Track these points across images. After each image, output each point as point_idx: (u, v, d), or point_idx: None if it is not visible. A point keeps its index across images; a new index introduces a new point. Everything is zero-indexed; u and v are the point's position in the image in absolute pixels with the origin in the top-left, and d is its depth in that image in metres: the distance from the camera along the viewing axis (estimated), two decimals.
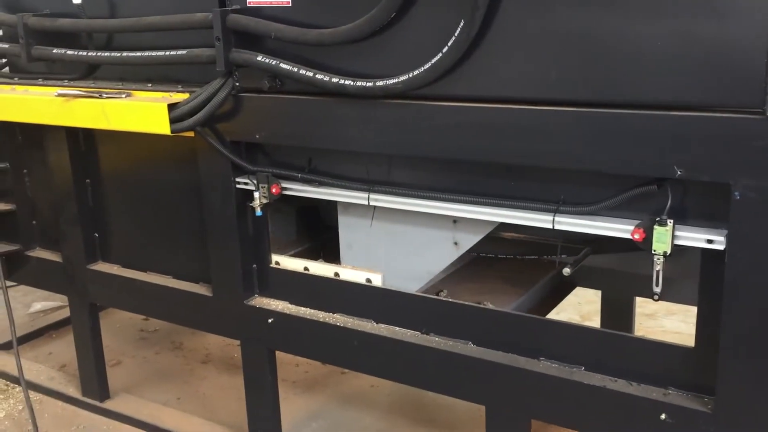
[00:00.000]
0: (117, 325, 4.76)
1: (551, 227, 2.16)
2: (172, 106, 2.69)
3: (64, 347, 4.41)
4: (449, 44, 2.09)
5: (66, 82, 3.19)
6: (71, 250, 3.44)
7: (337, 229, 2.80)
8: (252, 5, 2.51)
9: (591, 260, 3.01)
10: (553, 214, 2.16)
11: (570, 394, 2.22)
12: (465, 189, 2.35)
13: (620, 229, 2.05)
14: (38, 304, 5.10)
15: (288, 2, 2.43)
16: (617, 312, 3.41)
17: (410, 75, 2.18)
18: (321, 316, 2.76)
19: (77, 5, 3.00)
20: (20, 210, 3.63)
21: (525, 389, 2.31)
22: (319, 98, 2.45)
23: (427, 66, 2.15)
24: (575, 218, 2.14)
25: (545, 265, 3.07)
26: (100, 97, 2.87)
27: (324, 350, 2.77)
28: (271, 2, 2.46)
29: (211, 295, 3.01)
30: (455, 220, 2.55)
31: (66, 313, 4.83)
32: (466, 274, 3.02)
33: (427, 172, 2.44)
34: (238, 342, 4.21)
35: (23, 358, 3.70)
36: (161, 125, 2.71)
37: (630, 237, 2.02)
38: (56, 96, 2.94)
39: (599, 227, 2.10)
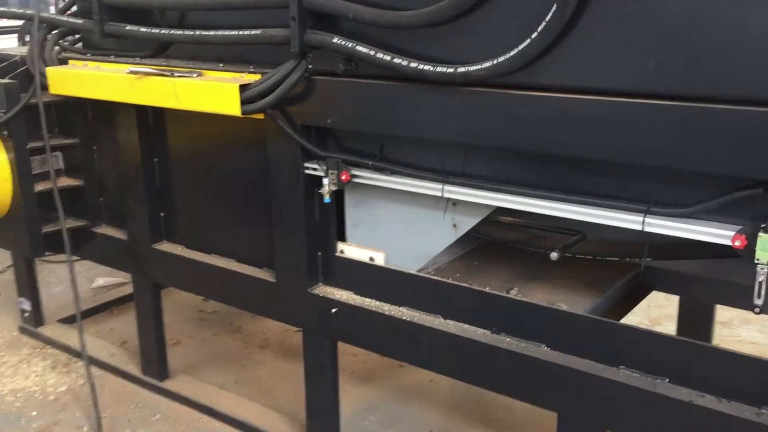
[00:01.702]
0: (177, 305, 4.77)
1: (641, 229, 2.01)
2: (243, 87, 2.63)
3: (126, 324, 4.44)
4: (538, 30, 1.96)
5: (138, 60, 3.16)
6: (137, 228, 3.43)
7: None
8: None
9: (670, 263, 2.86)
10: (643, 215, 2.01)
11: (652, 406, 2.09)
12: (545, 184, 2.22)
13: (719, 234, 1.90)
14: (101, 279, 5.17)
15: None
16: (695, 320, 3.24)
17: (494, 62, 2.06)
18: (386, 308, 2.67)
19: None
20: (88, 186, 3.65)
21: (602, 398, 2.18)
22: (396, 83, 2.35)
23: (513, 53, 2.02)
24: (668, 220, 1.99)
25: (619, 266, 2.92)
26: (172, 75, 2.83)
27: (388, 344, 2.68)
28: None
29: (274, 281, 2.96)
30: (455, 202, 2.52)
31: (128, 289, 4.88)
32: (537, 272, 2.89)
33: (505, 165, 2.32)
34: (296, 329, 4.24)
35: (86, 333, 3.72)
36: (232, 106, 2.65)
37: (730, 243, 1.87)
38: (128, 73, 2.92)
39: (695, 231, 1.95)
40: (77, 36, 3.60)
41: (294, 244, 2.82)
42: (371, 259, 2.74)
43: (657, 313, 4.44)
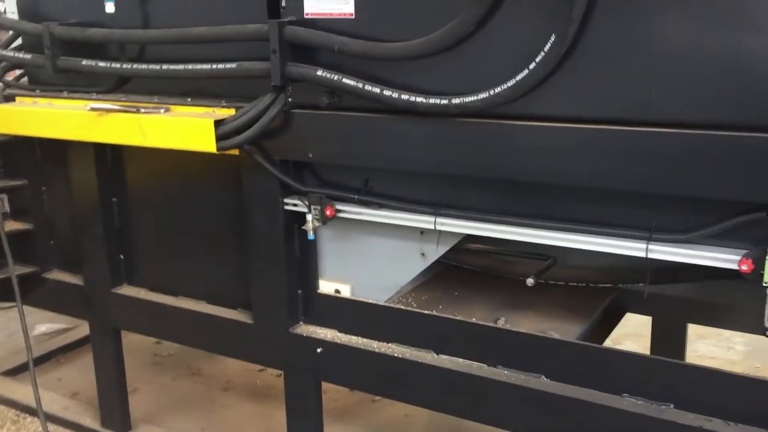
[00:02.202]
0: (129, 349, 4.50)
1: (644, 256, 2.02)
2: (218, 123, 2.53)
3: (75, 373, 4.20)
4: (537, 60, 1.95)
5: (94, 96, 3.01)
6: (94, 272, 3.25)
7: None
8: (310, 17, 2.36)
9: (642, 286, 2.89)
10: (646, 242, 2.02)
11: None
12: (543, 214, 2.21)
13: (725, 259, 1.92)
14: (42, 326, 4.87)
15: (350, 14, 2.28)
16: (667, 339, 3.29)
17: (491, 92, 2.04)
18: (375, 345, 2.59)
19: (108, 15, 2.83)
20: (38, 229, 3.43)
21: (609, 428, 2.16)
22: (384, 116, 2.30)
23: (511, 83, 2.01)
24: (671, 247, 2.00)
25: (596, 291, 2.93)
26: (138, 111, 2.70)
27: (379, 383, 2.60)
28: (330, 14, 2.31)
29: (251, 322, 2.84)
30: (422, 231, 2.50)
31: (73, 335, 4.65)
32: (518, 301, 2.87)
33: (500, 195, 2.29)
34: (259, 367, 4.09)
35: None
36: (206, 143, 2.54)
37: (736, 268, 1.89)
38: (89, 110, 2.77)
39: (700, 257, 1.96)
40: (20, 72, 3.42)
41: (273, 283, 2.72)
42: (337, 291, 2.69)
43: (617, 333, 4.49)
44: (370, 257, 2.64)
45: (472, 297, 2.92)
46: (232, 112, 2.60)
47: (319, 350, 2.67)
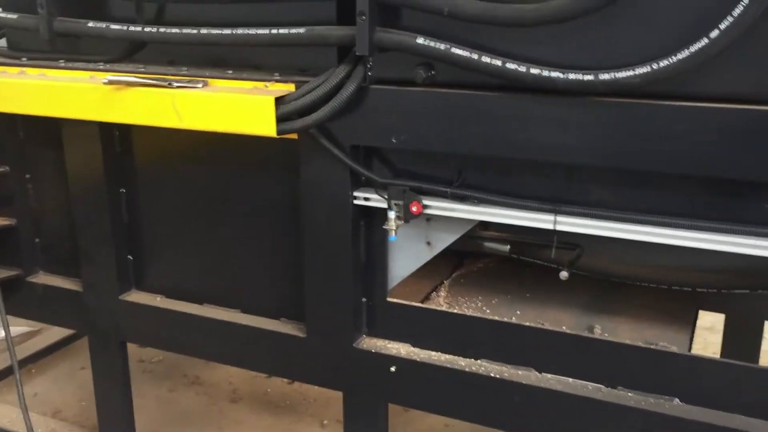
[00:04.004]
0: None
1: None
2: (278, 101, 2.08)
3: (51, 386, 3.68)
4: (721, 27, 1.60)
5: (101, 66, 2.50)
6: (97, 276, 2.74)
7: None
8: None
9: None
10: None
11: None
12: (692, 212, 1.87)
13: None
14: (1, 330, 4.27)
15: None
16: (740, 337, 3.04)
17: (653, 66, 1.68)
18: (462, 363, 2.22)
19: None
20: (21, 225, 2.88)
21: None
22: (499, 94, 1.91)
23: (683, 54, 1.64)
24: None
25: (674, 292, 2.63)
26: (170, 86, 2.22)
27: (470, 407, 2.23)
28: None
29: (304, 335, 2.41)
30: (428, 218, 2.23)
31: (43, 341, 4.08)
32: (600, 303, 2.56)
33: (636, 189, 1.94)
34: (265, 375, 3.66)
35: (4, 403, 2.98)
36: (264, 125, 2.09)
37: None
38: (106, 83, 2.26)
39: None
40: None
41: (334, 290, 2.30)
42: None
43: None
44: None
45: (546, 299, 2.59)
46: (288, 87, 2.16)
47: (392, 369, 2.28)
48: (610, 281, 2.60)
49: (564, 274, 2.26)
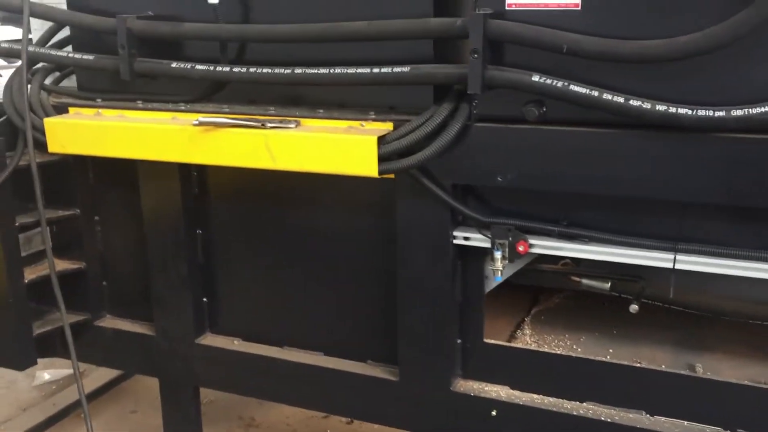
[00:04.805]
0: (150, 395, 3.95)
1: None
2: (380, 141, 2.04)
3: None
4: None
5: (182, 106, 2.45)
6: (171, 319, 2.67)
7: None
8: (513, 8, 1.90)
9: None
10: None
11: None
12: None
13: None
14: (45, 373, 4.18)
15: (575, 4, 1.83)
16: None
17: None
18: (568, 406, 2.16)
19: (212, 5, 2.27)
20: (89, 268, 2.82)
21: None
22: (615, 131, 1.87)
23: None
24: None
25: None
26: (263, 126, 2.17)
27: None
28: (545, 5, 1.86)
29: (396, 378, 2.35)
30: None
31: (90, 383, 3.99)
32: (695, 341, 2.49)
33: (751, 224, 1.90)
34: (322, 414, 3.57)
35: None
36: (365, 165, 2.05)
37: None
38: (195, 125, 2.21)
39: None
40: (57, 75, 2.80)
41: (432, 332, 2.24)
42: None
43: None
44: None
45: (636, 336, 2.52)
46: (385, 126, 2.12)
47: (493, 413, 2.21)
48: (692, 314, 2.56)
49: (634, 308, 2.28)
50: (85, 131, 2.44)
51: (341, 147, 2.07)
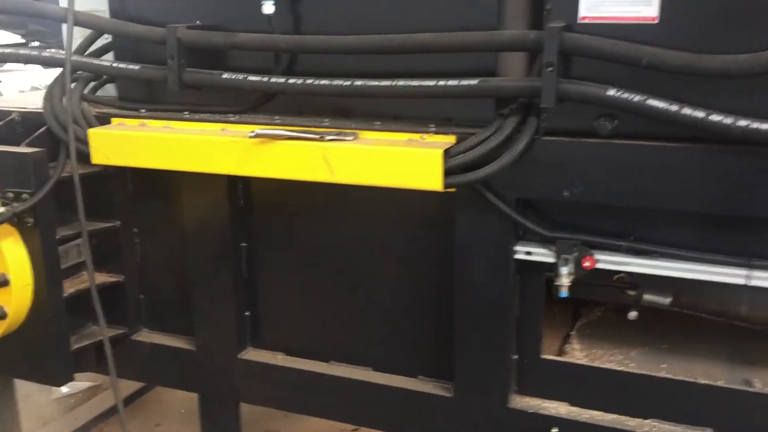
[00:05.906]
0: (172, 408, 3.90)
1: None
2: (445, 154, 2.01)
3: None
4: None
5: (231, 117, 2.42)
6: (212, 333, 2.62)
7: None
8: (587, 21, 1.88)
9: None
10: None
11: None
12: None
13: None
14: (64, 386, 4.10)
15: (653, 18, 1.82)
16: None
17: None
18: (632, 423, 2.13)
19: (267, 16, 2.24)
20: (128, 281, 2.76)
21: None
22: (690, 146, 1.86)
23: None
24: None
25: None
26: (322, 139, 2.14)
27: None
28: (621, 18, 1.85)
29: (450, 395, 2.31)
30: None
31: (109, 396, 3.93)
32: (748, 355, 2.47)
33: None
34: (352, 427, 3.52)
35: None
36: (429, 179, 2.02)
37: None
38: (252, 137, 2.18)
39: None
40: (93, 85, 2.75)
41: (490, 347, 2.21)
42: None
43: None
44: None
45: (686, 350, 2.50)
46: (448, 139, 2.09)
47: (554, 430, 2.18)
48: (739, 327, 2.54)
49: (633, 314, 2.27)
50: (131, 142, 2.39)
51: (405, 160, 2.04)
